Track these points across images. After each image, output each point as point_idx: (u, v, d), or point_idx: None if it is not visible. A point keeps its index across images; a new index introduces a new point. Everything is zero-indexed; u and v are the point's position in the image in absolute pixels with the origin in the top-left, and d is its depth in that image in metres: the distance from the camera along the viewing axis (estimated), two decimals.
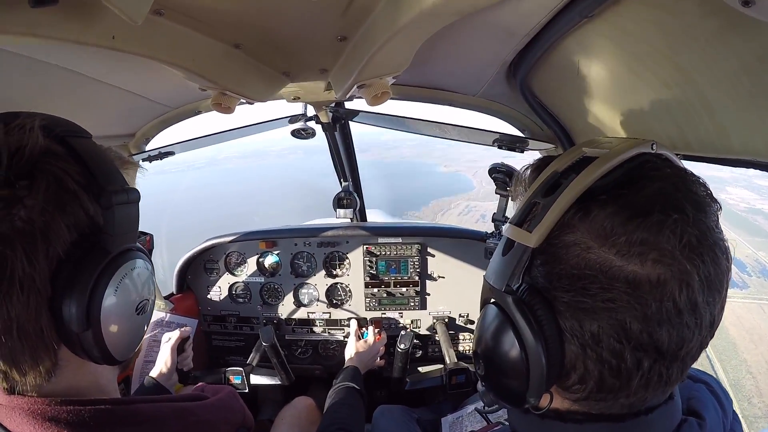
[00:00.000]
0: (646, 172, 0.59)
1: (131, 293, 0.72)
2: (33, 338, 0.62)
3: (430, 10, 0.81)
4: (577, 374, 0.60)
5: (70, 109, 1.50)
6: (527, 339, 0.60)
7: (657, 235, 0.53)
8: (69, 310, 0.63)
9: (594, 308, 0.56)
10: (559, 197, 0.59)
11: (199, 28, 1.10)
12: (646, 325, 0.55)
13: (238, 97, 1.37)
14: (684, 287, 0.54)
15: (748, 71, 0.76)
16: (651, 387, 0.59)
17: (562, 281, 0.58)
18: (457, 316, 2.49)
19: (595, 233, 0.56)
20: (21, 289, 0.59)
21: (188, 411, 0.79)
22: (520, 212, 0.64)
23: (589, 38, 1.00)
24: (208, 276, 2.57)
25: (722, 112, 0.89)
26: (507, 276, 0.62)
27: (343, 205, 2.47)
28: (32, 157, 0.61)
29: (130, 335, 0.74)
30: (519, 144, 1.86)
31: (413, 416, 1.96)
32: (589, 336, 0.57)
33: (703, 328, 0.57)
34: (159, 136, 2.12)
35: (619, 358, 0.56)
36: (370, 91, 1.25)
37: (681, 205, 0.54)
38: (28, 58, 1.09)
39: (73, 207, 0.64)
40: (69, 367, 0.69)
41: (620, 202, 0.56)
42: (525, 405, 0.65)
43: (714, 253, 0.55)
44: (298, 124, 2.13)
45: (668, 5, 0.78)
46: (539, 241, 0.59)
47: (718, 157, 0.99)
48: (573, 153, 0.65)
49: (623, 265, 0.54)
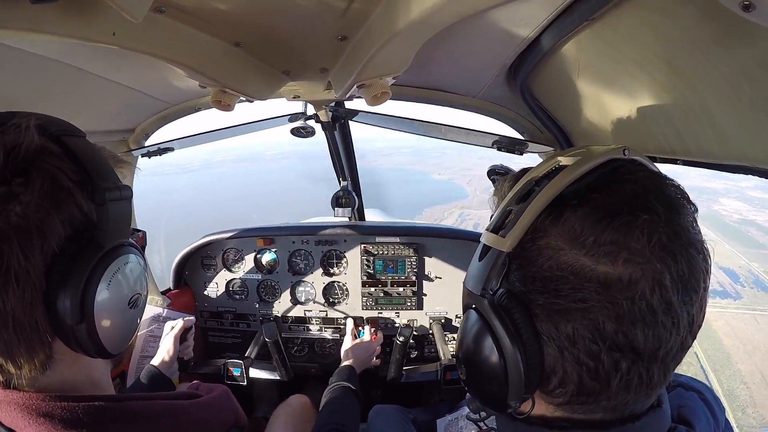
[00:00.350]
0: (617, 176, 0.60)
1: (124, 287, 0.73)
2: (28, 331, 0.63)
3: (430, 11, 0.81)
4: (557, 378, 0.61)
5: (70, 105, 1.49)
6: (504, 342, 0.61)
7: (626, 235, 0.54)
8: (63, 303, 0.64)
9: (567, 309, 0.57)
10: (531, 203, 0.60)
11: (200, 26, 1.10)
12: (620, 325, 0.55)
13: (237, 95, 1.37)
14: (656, 286, 0.54)
15: (749, 77, 0.76)
16: (632, 389, 0.59)
17: (536, 284, 0.60)
18: (453, 316, 2.49)
19: (566, 236, 0.57)
20: (17, 282, 0.61)
21: (182, 409, 0.80)
22: (495, 219, 0.65)
23: (589, 42, 1.00)
24: (206, 272, 2.57)
25: (722, 117, 0.90)
26: (483, 280, 0.64)
27: (342, 204, 2.47)
28: (28, 155, 0.62)
29: (123, 329, 0.75)
30: (518, 146, 1.86)
31: (409, 416, 1.96)
32: (565, 338, 0.58)
33: (681, 328, 0.57)
34: (158, 132, 2.12)
35: (596, 360, 0.57)
36: (369, 91, 1.25)
37: (651, 206, 0.55)
38: (28, 54, 1.09)
39: (68, 203, 0.65)
40: (63, 361, 0.70)
41: (590, 205, 0.57)
42: (507, 410, 0.65)
43: (688, 253, 0.56)
44: (298, 123, 2.12)
45: (668, 10, 0.78)
46: (512, 246, 0.61)
47: (717, 163, 0.99)
48: (549, 162, 0.66)
49: (594, 266, 0.55)
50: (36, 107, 1.03)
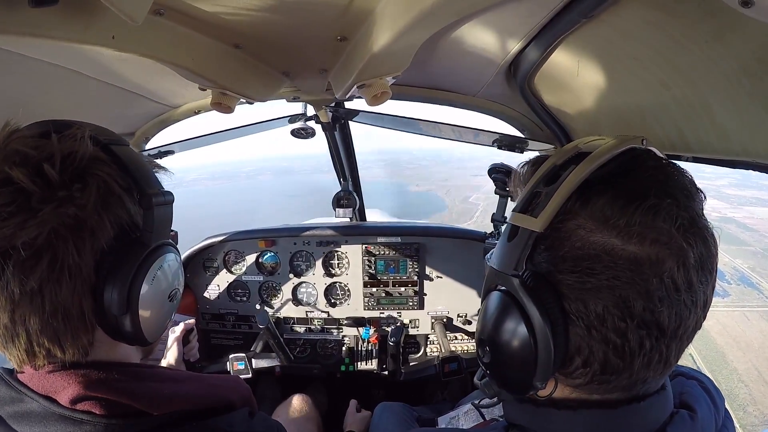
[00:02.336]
0: (638, 163, 0.63)
1: (164, 282, 0.80)
2: (75, 320, 0.70)
3: (430, 10, 0.81)
4: (581, 358, 0.62)
5: (70, 108, 1.49)
6: (536, 321, 0.61)
7: (654, 217, 0.57)
8: (111, 295, 0.71)
9: (599, 287, 0.59)
10: (561, 185, 0.61)
11: (199, 29, 1.10)
12: (649, 302, 0.57)
13: (237, 97, 1.37)
14: (681, 266, 0.57)
15: (748, 72, 0.76)
16: (652, 367, 0.61)
17: (566, 263, 0.61)
18: (455, 316, 2.49)
19: (596, 218, 0.59)
20: (69, 276, 0.67)
21: (202, 377, 0.89)
22: (523, 201, 0.66)
23: (589, 39, 1.00)
24: (207, 274, 2.57)
25: (722, 113, 0.90)
26: (514, 261, 0.64)
27: (343, 204, 2.47)
28: (82, 162, 0.69)
29: (161, 319, 0.83)
30: (518, 144, 1.86)
31: (413, 414, 1.97)
32: (594, 316, 0.60)
33: (698, 308, 0.60)
34: (158, 136, 2.12)
35: (623, 337, 0.59)
36: (369, 91, 1.25)
37: (672, 192, 0.59)
38: (28, 58, 1.09)
39: (117, 207, 0.73)
40: (102, 347, 0.77)
41: (617, 190, 0.60)
42: (530, 391, 0.66)
43: (704, 236, 0.59)
44: (298, 124, 2.13)
45: (667, 6, 0.78)
46: (544, 226, 0.62)
47: (717, 158, 0.99)
48: (569, 149, 0.68)
49: (624, 246, 0.58)
50: (36, 111, 1.03)
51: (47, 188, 0.65)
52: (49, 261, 0.65)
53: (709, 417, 0.72)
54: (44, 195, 0.65)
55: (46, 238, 0.65)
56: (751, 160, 0.90)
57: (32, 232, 0.64)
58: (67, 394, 0.70)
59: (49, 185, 0.65)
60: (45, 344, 0.69)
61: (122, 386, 0.74)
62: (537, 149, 1.89)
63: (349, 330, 2.55)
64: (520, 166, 0.78)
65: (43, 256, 0.65)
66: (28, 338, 0.68)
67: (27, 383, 0.72)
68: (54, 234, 0.65)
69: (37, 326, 0.67)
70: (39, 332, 0.68)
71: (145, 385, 0.77)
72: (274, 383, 2.68)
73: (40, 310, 0.66)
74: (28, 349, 0.69)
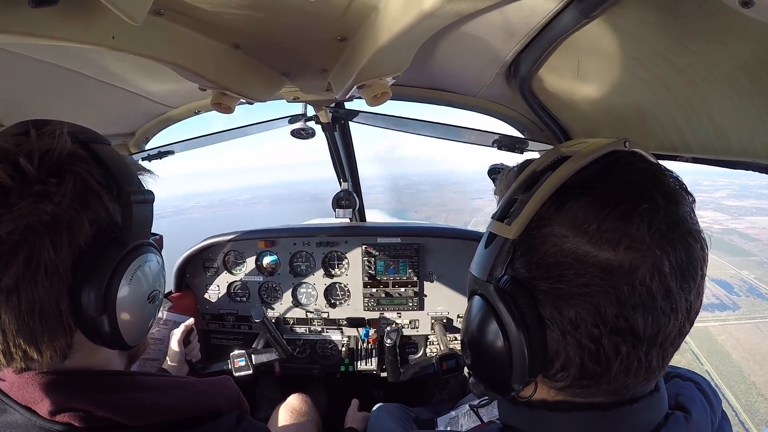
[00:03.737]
0: (618, 167, 0.62)
1: (144, 283, 0.79)
2: (53, 320, 0.68)
3: (429, 10, 0.81)
4: (559, 361, 0.63)
5: (70, 109, 1.50)
6: (509, 326, 0.62)
7: (627, 222, 0.56)
8: (88, 295, 0.69)
9: (570, 294, 0.59)
10: (536, 192, 0.62)
11: (199, 29, 1.10)
12: (621, 309, 0.57)
13: (237, 97, 1.37)
14: (656, 273, 0.56)
15: (748, 72, 0.76)
16: (632, 373, 0.61)
17: (540, 270, 0.62)
18: (455, 316, 2.49)
19: (569, 223, 0.59)
20: (45, 274, 0.66)
21: (187, 383, 0.87)
22: (501, 208, 0.67)
23: (589, 39, 1.00)
24: (207, 275, 2.57)
25: (722, 113, 0.90)
26: (488, 267, 0.65)
27: (342, 205, 2.47)
28: (60, 158, 0.68)
29: (141, 322, 0.81)
30: (518, 145, 1.86)
31: (411, 415, 1.97)
32: (567, 322, 0.60)
33: (679, 314, 0.59)
34: (158, 136, 2.12)
35: (597, 343, 0.59)
36: (369, 91, 1.25)
37: (651, 195, 0.58)
38: (28, 58, 1.09)
39: (96, 204, 0.71)
40: (82, 351, 0.75)
41: (592, 194, 0.59)
42: (511, 393, 0.67)
43: (686, 241, 0.58)
44: (298, 124, 2.13)
45: (667, 6, 0.78)
46: (518, 233, 0.62)
47: (717, 159, 0.99)
48: (552, 153, 0.68)
49: (596, 252, 0.57)
50: (36, 111, 1.03)
51: (24, 184, 0.64)
52: (25, 258, 0.64)
53: (705, 418, 0.73)
54: (22, 190, 0.64)
55: (22, 233, 0.63)
56: (751, 161, 0.90)
57: (7, 226, 0.63)
58: (46, 405, 0.69)
59: (26, 181, 0.64)
60: (21, 345, 0.67)
61: (101, 397, 0.72)
62: (537, 149, 1.89)
63: (348, 330, 2.55)
64: (506, 171, 0.80)
65: (18, 253, 0.63)
66: (4, 338, 0.66)
67: (8, 392, 0.71)
68: (30, 230, 0.64)
69: (14, 326, 0.66)
70: (15, 332, 0.66)
71: (126, 395, 0.75)
72: (274, 383, 2.68)
73: (16, 309, 0.65)
74: (5, 350, 0.67)
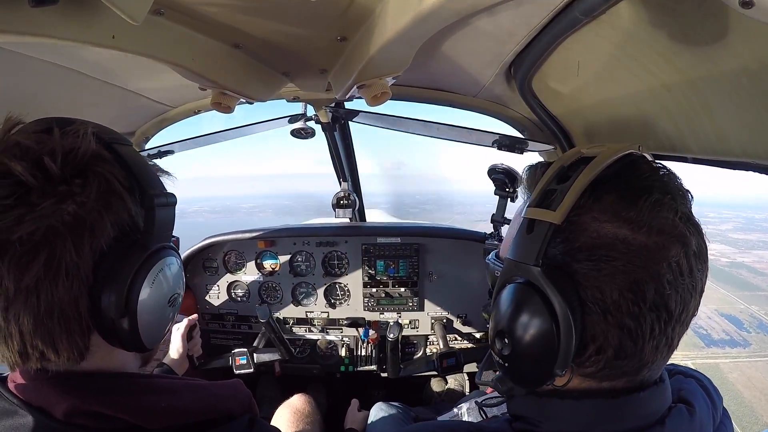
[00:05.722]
0: (638, 165, 0.69)
1: (165, 286, 0.78)
2: (71, 322, 0.68)
3: (429, 10, 0.81)
4: (595, 345, 0.66)
5: (70, 108, 1.49)
6: (559, 308, 0.64)
7: (659, 209, 0.63)
8: (109, 297, 0.69)
9: (614, 272, 0.63)
10: (575, 182, 0.67)
11: (199, 28, 1.10)
12: (660, 285, 0.63)
13: (237, 97, 1.36)
14: (683, 253, 0.63)
15: (748, 73, 0.76)
16: (660, 350, 0.66)
17: (582, 253, 0.65)
18: (455, 317, 2.49)
19: (608, 211, 0.65)
20: (66, 276, 0.65)
21: (200, 386, 0.86)
22: (537, 197, 0.71)
23: (589, 39, 1.00)
24: (207, 275, 2.57)
25: (722, 114, 0.90)
26: (534, 252, 0.67)
27: (342, 205, 2.47)
28: (84, 158, 0.68)
29: (161, 324, 0.81)
30: (519, 145, 1.86)
31: (410, 414, 1.97)
32: (610, 302, 0.64)
33: (698, 293, 0.67)
34: (158, 135, 2.12)
35: (636, 321, 0.63)
36: (369, 91, 1.25)
37: (670, 190, 0.66)
38: (28, 58, 1.09)
39: (118, 207, 0.70)
40: (98, 353, 0.74)
41: (623, 188, 0.66)
42: (549, 381, 0.69)
43: (698, 229, 0.66)
44: (298, 124, 2.13)
45: (668, 7, 0.78)
46: (562, 218, 0.66)
47: (717, 159, 0.99)
48: (572, 153, 0.74)
49: (635, 236, 0.63)
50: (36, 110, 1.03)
51: (47, 183, 0.64)
52: (46, 258, 0.63)
53: (707, 413, 0.76)
54: (44, 189, 0.63)
55: (44, 234, 0.63)
56: (750, 161, 0.90)
57: (30, 226, 0.62)
58: (62, 408, 0.68)
59: (49, 180, 0.64)
60: (38, 346, 0.67)
61: (118, 400, 0.72)
62: (537, 150, 1.89)
63: (348, 330, 2.55)
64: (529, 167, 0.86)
65: (40, 253, 0.63)
66: (21, 338, 0.66)
67: (20, 395, 0.71)
68: (52, 231, 0.63)
69: (31, 326, 0.65)
70: (33, 332, 0.65)
71: (142, 398, 0.75)
72: (274, 383, 2.69)
73: (35, 309, 0.65)
74: (21, 351, 0.67)
